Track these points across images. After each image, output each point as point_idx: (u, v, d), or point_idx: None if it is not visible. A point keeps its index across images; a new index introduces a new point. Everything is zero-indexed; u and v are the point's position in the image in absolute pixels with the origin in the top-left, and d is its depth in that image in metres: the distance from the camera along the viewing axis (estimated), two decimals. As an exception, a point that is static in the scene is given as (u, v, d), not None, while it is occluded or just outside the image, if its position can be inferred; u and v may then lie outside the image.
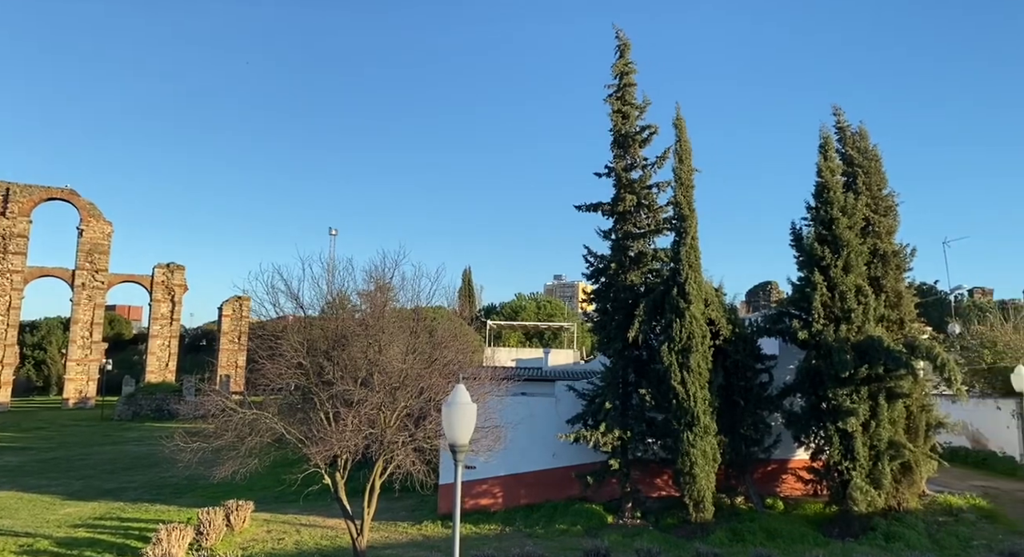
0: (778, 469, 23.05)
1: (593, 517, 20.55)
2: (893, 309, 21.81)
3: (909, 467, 19.64)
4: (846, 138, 22.61)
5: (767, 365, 22.07)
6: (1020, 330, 33.95)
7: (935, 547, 16.83)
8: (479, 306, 69.09)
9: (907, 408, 20.54)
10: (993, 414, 28.53)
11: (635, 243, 22.88)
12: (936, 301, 45.35)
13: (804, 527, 19.01)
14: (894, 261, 22.09)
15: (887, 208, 22.24)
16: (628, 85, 22.64)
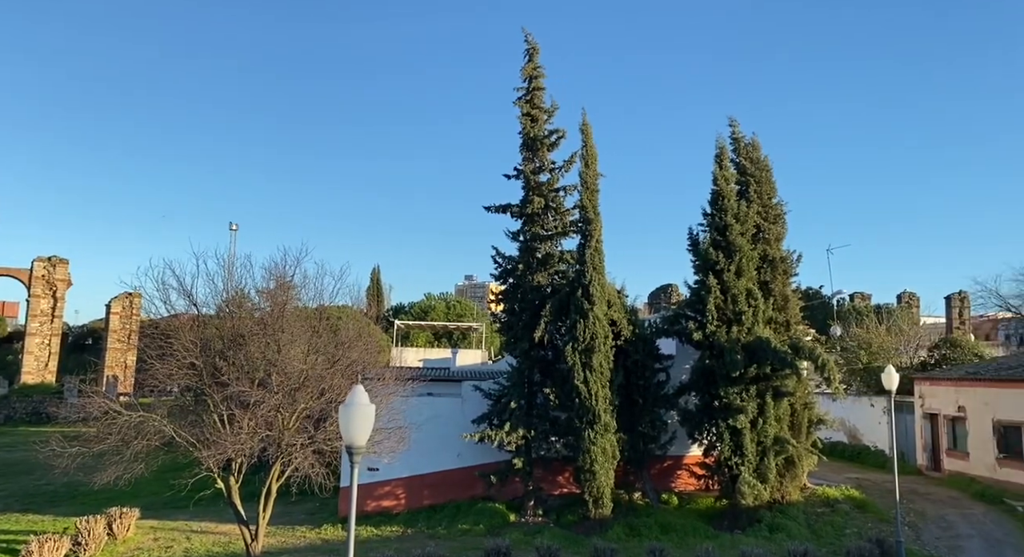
0: (673, 465, 23.99)
1: (496, 516, 20.72)
2: (780, 312, 23.12)
3: (792, 462, 20.87)
4: (740, 149, 23.82)
5: (664, 365, 22.91)
6: (892, 332, 36.73)
7: (813, 536, 18.00)
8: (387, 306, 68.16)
9: (791, 406, 21.83)
10: (868, 411, 30.77)
11: (543, 245, 23.24)
12: (820, 305, 48.45)
13: (696, 521, 19.89)
14: (782, 266, 23.42)
15: (776, 216, 23.57)
16: (537, 89, 22.98)
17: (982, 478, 23.38)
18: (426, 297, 63.91)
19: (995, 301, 62.92)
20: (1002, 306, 63.63)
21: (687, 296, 23.98)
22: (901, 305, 56.58)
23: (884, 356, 32.77)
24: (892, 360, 31.87)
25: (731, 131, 23.98)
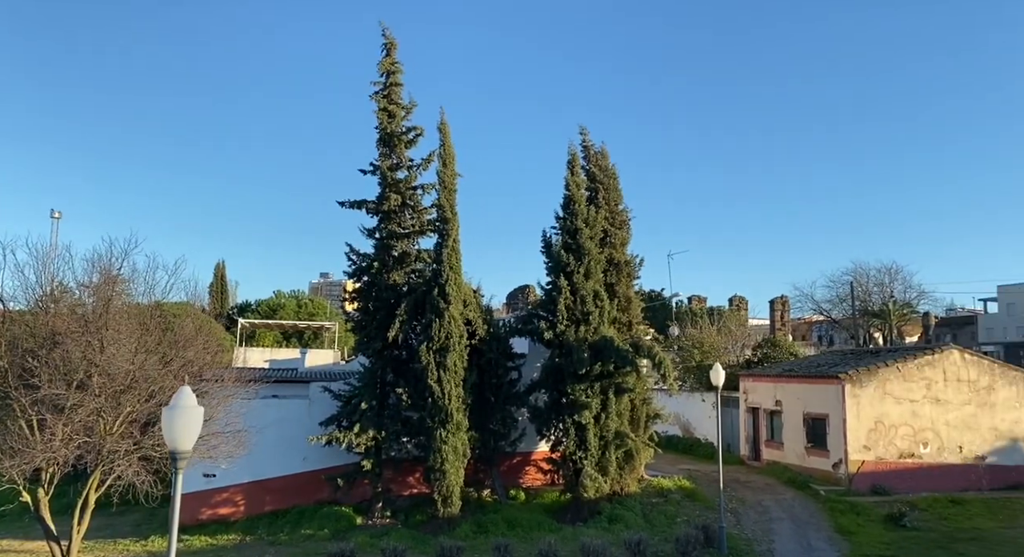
0: (522, 461, 24.59)
1: (342, 519, 20.22)
2: (624, 312, 24.38)
3: (632, 455, 22.07)
4: (590, 156, 24.88)
5: (517, 363, 23.43)
6: (723, 333, 39.90)
7: (648, 526, 19.15)
8: (232, 303, 64.43)
9: (631, 401, 23.06)
10: (699, 406, 33.19)
11: (399, 243, 23.00)
12: (660, 306, 51.70)
13: (542, 515, 20.52)
14: (626, 269, 24.72)
15: (622, 222, 24.85)
16: (395, 85, 22.70)
17: (794, 466, 25.94)
18: (276, 295, 61.07)
19: (810, 305, 70.41)
20: (816, 310, 71.38)
21: (542, 297, 24.66)
22: (732, 307, 61.59)
23: (715, 355, 35.46)
24: (721, 358, 34.60)
25: (582, 139, 24.99)
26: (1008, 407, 25.37)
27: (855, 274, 63.68)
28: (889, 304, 63.05)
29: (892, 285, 64.67)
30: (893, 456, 23.90)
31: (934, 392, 24.76)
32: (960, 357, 25.76)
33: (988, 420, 25.06)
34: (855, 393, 24.01)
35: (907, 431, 24.27)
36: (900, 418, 24.26)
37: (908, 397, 24.51)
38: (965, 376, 25.26)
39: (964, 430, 24.78)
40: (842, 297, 64.05)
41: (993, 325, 74.63)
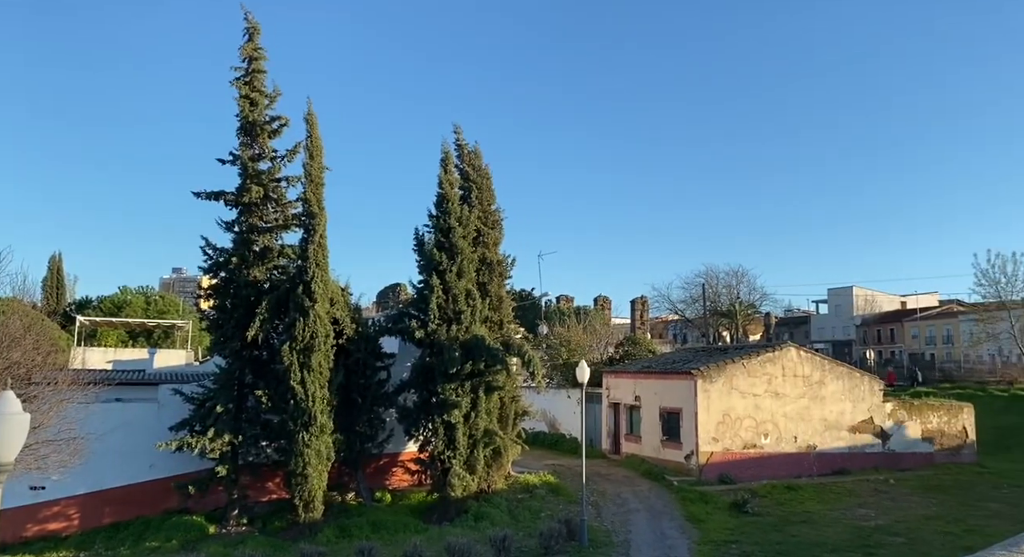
0: (390, 463, 24.21)
1: (193, 529, 18.97)
2: (495, 311, 24.62)
3: (499, 452, 22.32)
4: (464, 155, 24.93)
5: (386, 363, 23.03)
6: (588, 331, 41.38)
7: (513, 522, 19.44)
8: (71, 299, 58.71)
9: (501, 399, 23.32)
10: (565, 402, 34.18)
11: (261, 237, 21.91)
12: (530, 305, 52.78)
13: (408, 516, 20.30)
14: (498, 269, 24.99)
15: (495, 221, 25.09)
16: (257, 71, 21.57)
17: (651, 458, 27.34)
18: (121, 291, 56.35)
19: (667, 305, 74.78)
20: (672, 309, 75.83)
21: (414, 295, 24.39)
22: (597, 307, 63.98)
23: (580, 352, 36.69)
24: (587, 356, 35.85)
25: (456, 138, 24.99)
26: (836, 400, 28.10)
27: (707, 277, 68.38)
28: (736, 305, 68.17)
29: (739, 287, 70.01)
30: (738, 447, 25.77)
31: (774, 387, 26.96)
32: (797, 354, 28.23)
33: (819, 412, 27.62)
34: (706, 388, 25.65)
35: (750, 423, 26.24)
36: (745, 411, 26.21)
37: (752, 391, 26.52)
38: (800, 372, 27.70)
39: (799, 421, 27.16)
40: (695, 298, 68.50)
41: (824, 325, 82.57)
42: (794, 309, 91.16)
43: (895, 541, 17.68)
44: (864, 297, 79.16)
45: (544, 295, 53.50)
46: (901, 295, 79.97)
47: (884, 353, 71.32)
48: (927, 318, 70.36)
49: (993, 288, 48.31)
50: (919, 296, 76.73)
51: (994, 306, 49.28)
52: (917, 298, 76.36)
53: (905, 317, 73.41)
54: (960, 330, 62.43)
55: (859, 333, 76.72)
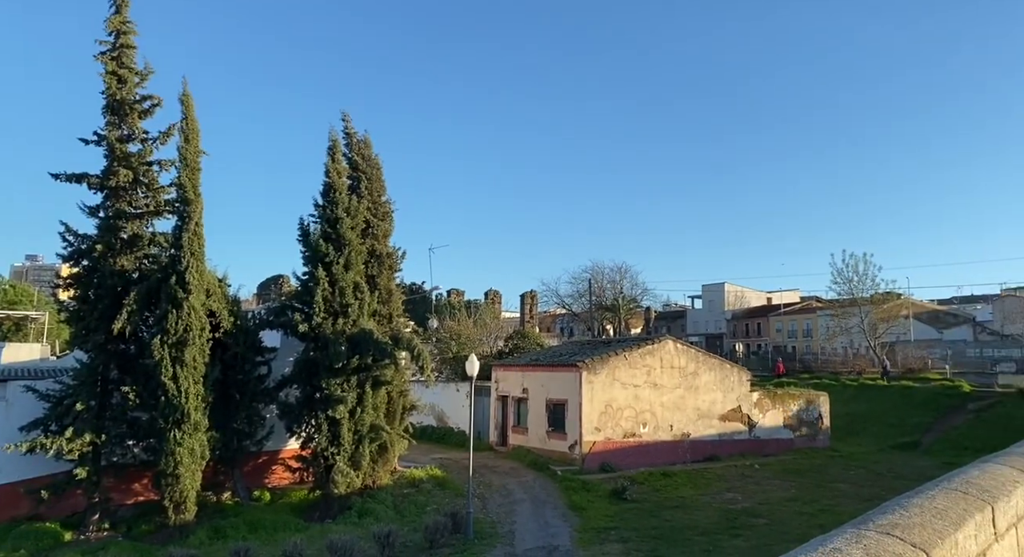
0: (269, 460, 23.36)
1: (46, 537, 17.49)
2: (384, 305, 24.29)
3: (386, 447, 22.08)
4: (353, 144, 24.35)
5: (267, 358, 22.19)
6: (479, 325, 41.64)
7: (399, 517, 19.31)
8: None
9: (389, 394, 23.06)
10: (454, 396, 34.24)
11: (130, 224, 20.49)
12: (421, 299, 52.49)
13: (288, 515, 19.69)
14: (388, 262, 24.65)
15: (385, 213, 24.71)
16: (126, 46, 20.07)
17: (536, 449, 27.93)
18: (-35, 277, 50.97)
19: (555, 299, 76.55)
20: (559, 303, 77.69)
21: (297, 287, 23.62)
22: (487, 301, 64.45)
23: (470, 346, 36.92)
24: (476, 349, 36.11)
25: (344, 126, 24.38)
26: (708, 390, 29.79)
27: (593, 272, 70.56)
28: (619, 299, 70.76)
29: (622, 282, 72.67)
30: (619, 436, 26.81)
31: (653, 378, 28.23)
32: (674, 346, 29.68)
33: (693, 401, 29.20)
34: (590, 380, 26.49)
35: (630, 413, 27.36)
36: (625, 401, 27.29)
37: (632, 382, 27.65)
38: (677, 363, 29.15)
39: (675, 411, 28.59)
40: (582, 292, 70.54)
41: (698, 319, 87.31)
42: (672, 304, 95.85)
43: (758, 522, 19.01)
44: (735, 293, 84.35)
45: (435, 289, 53.42)
46: (767, 292, 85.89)
47: (751, 346, 76.33)
48: (789, 313, 75.89)
49: (847, 286, 52.91)
50: (783, 293, 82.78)
51: (847, 302, 53.89)
52: (781, 295, 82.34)
53: (770, 312, 78.84)
54: (818, 324, 67.76)
55: (730, 327, 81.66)
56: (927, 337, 59.78)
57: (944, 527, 2.90)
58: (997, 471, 4.17)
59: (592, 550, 16.42)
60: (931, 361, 51.43)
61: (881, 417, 38.59)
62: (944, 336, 60.92)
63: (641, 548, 16.46)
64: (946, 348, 55.00)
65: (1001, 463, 4.48)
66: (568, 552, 16.36)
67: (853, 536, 2.61)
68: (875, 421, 38.24)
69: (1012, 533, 3.73)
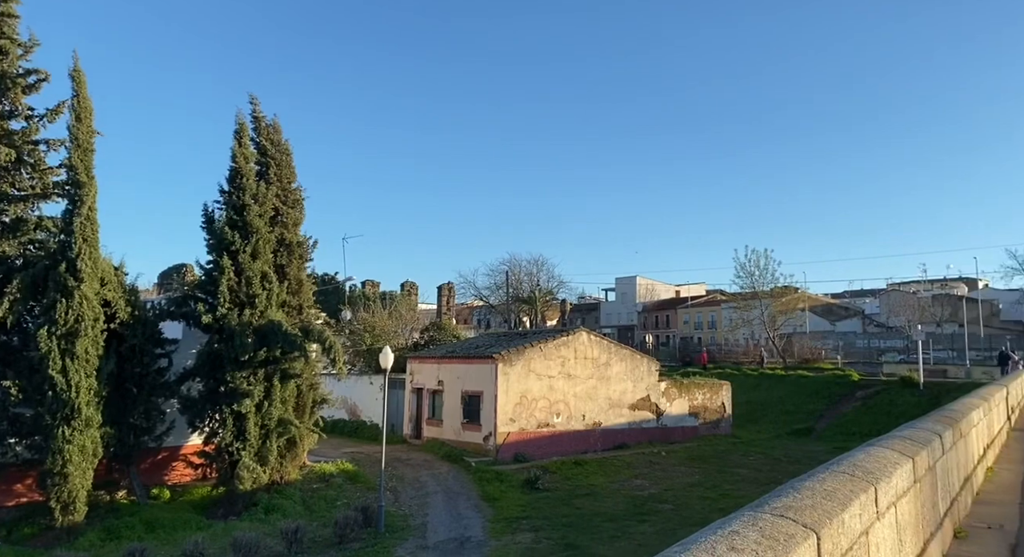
0: (169, 457, 22.27)
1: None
2: (295, 295, 23.58)
3: (295, 442, 21.50)
4: (261, 128, 23.43)
5: (168, 350, 21.15)
6: (394, 317, 41.10)
7: (307, 512, 18.86)
8: None
9: (298, 387, 22.45)
10: (367, 389, 33.67)
11: (13, 207, 19.09)
12: (333, 290, 51.27)
13: (189, 513, 18.88)
14: (298, 251, 23.91)
15: (295, 201, 23.93)
16: (7, 15, 18.57)
17: (451, 441, 27.88)
18: None
19: (472, 291, 76.61)
20: (477, 295, 77.81)
21: (201, 277, 22.61)
22: (404, 292, 63.71)
23: (385, 338, 36.36)
24: (391, 341, 35.61)
25: (252, 109, 23.43)
26: (619, 379, 30.58)
27: (510, 264, 71.01)
28: (536, 292, 71.60)
29: (539, 275, 73.52)
30: (533, 426, 27.14)
31: (567, 368, 28.71)
32: (587, 338, 30.27)
33: (605, 391, 29.90)
34: (506, 371, 26.66)
35: (545, 403, 27.74)
36: (540, 392, 27.64)
37: (547, 373, 28.03)
38: (590, 354, 29.76)
39: (587, 400, 29.19)
40: (499, 285, 70.88)
41: (611, 311, 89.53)
42: (587, 296, 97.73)
43: (664, 508, 19.70)
44: (646, 286, 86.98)
45: (348, 279, 52.19)
46: (676, 285, 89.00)
47: (660, 337, 78.94)
48: (696, 306, 78.92)
49: (749, 280, 55.52)
50: (691, 286, 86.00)
51: (749, 295, 56.55)
52: (689, 288, 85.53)
53: (679, 304, 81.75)
54: (722, 316, 70.79)
55: (641, 319, 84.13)
56: (821, 329, 63.56)
57: (832, 508, 3.06)
58: (880, 454, 4.45)
59: (504, 540, 16.56)
60: (824, 352, 54.76)
61: (778, 405, 40.79)
62: (836, 328, 64.97)
63: (551, 536, 16.75)
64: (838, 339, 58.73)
65: (884, 446, 4.78)
66: (480, 542, 16.44)
67: (750, 519, 2.71)
68: (773, 409, 40.39)
69: (892, 511, 3.98)
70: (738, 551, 2.35)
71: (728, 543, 2.40)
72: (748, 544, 2.42)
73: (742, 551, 2.36)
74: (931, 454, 5.45)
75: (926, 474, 5.18)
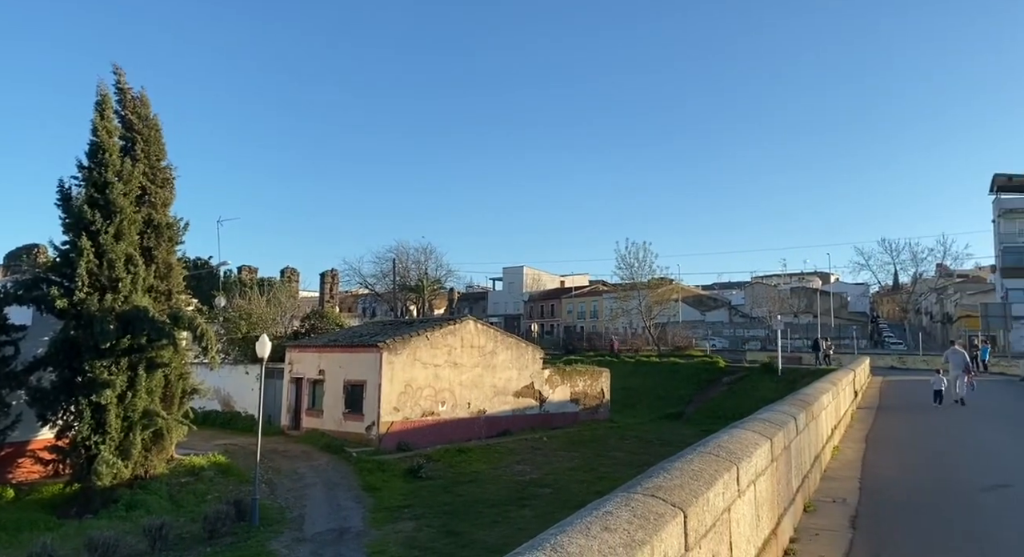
0: (15, 453, 20.27)
1: None
2: (163, 280, 22.12)
3: (161, 434, 20.22)
4: (127, 101, 21.67)
5: (14, 337, 19.33)
6: (272, 304, 39.45)
7: (175, 508, 17.81)
8: None
9: (166, 377, 21.12)
10: (243, 378, 32.20)
11: None
12: (207, 275, 48.50)
13: (37, 513, 17.33)
14: (168, 233, 22.39)
15: (164, 180, 22.36)
16: None
17: (331, 432, 27.20)
18: None
19: (358, 279, 74.95)
20: (362, 283, 76.20)
21: (56, 258, 20.77)
22: (284, 279, 61.30)
23: (263, 326, 34.85)
24: (269, 330, 34.22)
25: (117, 80, 21.61)
26: (505, 368, 30.98)
27: (397, 252, 70.00)
28: (424, 280, 71.09)
29: (427, 263, 73.01)
30: (417, 415, 26.99)
31: (453, 357, 28.74)
32: (474, 326, 30.43)
33: (490, 379, 30.20)
34: (391, 360, 26.32)
35: (430, 392, 27.65)
36: (426, 381, 27.51)
37: (433, 362, 27.94)
38: (477, 343, 29.94)
39: (473, 389, 29.37)
40: (385, 273, 69.78)
41: (499, 300, 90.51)
42: (475, 285, 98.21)
43: (544, 492, 20.20)
44: (532, 276, 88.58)
45: (223, 264, 49.44)
46: (562, 275, 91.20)
47: (545, 326, 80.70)
48: (580, 296, 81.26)
49: (628, 271, 57.78)
50: (575, 276, 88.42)
51: (628, 286, 58.90)
52: (573, 278, 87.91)
53: (563, 294, 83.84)
54: (604, 306, 73.28)
55: (527, 308, 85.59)
56: (693, 319, 67.28)
57: (699, 487, 3.24)
58: (742, 435, 4.76)
59: (384, 529, 16.41)
60: (695, 340, 58.03)
61: (653, 391, 42.83)
62: (706, 318, 68.97)
63: (433, 524, 16.77)
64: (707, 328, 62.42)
65: (745, 428, 5.13)
66: (360, 533, 16.20)
67: (623, 500, 2.82)
68: (648, 394, 42.36)
69: (752, 489, 4.28)
70: (611, 531, 2.45)
71: (602, 523, 2.49)
72: (620, 524, 2.52)
73: (615, 531, 2.45)
74: (787, 435, 5.90)
75: (782, 453, 5.60)
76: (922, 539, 6.27)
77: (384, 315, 71.43)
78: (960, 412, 17.94)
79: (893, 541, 6.14)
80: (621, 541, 2.36)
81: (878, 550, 5.82)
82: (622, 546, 2.32)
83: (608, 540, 2.33)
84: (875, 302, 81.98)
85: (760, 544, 4.47)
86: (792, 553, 5.47)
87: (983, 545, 6.04)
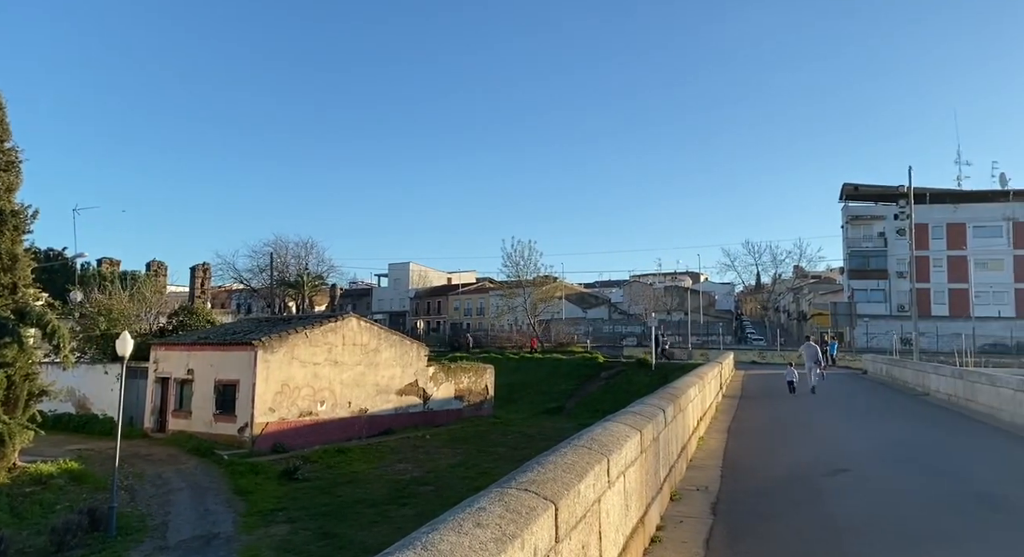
0: None
1: None
2: (7, 273, 20.12)
3: (2, 440, 18.42)
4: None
5: None
6: (136, 299, 36.79)
7: (16, 520, 16.21)
8: None
9: (9, 378, 19.25)
10: (101, 378, 29.85)
11: None
12: (61, 267, 44.52)
13: None
14: (13, 221, 20.37)
15: (9, 162, 20.27)
16: None
17: (201, 433, 25.71)
18: None
19: (232, 274, 71.27)
20: (237, 278, 72.55)
21: None
22: (149, 273, 57.38)
23: (125, 323, 32.49)
24: (133, 327, 31.92)
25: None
26: (388, 366, 30.52)
27: (275, 246, 67.18)
28: (304, 276, 68.64)
29: (308, 258, 70.54)
30: (295, 415, 26.05)
31: (334, 355, 27.96)
32: (357, 324, 29.75)
33: (373, 377, 29.65)
34: (266, 359, 25.24)
35: (308, 391, 26.77)
36: (304, 380, 26.60)
37: (312, 360, 27.05)
38: (359, 340, 29.29)
39: (354, 387, 28.72)
40: (262, 267, 66.77)
41: (384, 297, 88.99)
42: (359, 282, 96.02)
43: (426, 490, 20.09)
44: (419, 272, 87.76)
45: (79, 256, 45.45)
46: (448, 272, 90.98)
47: (432, 323, 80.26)
48: (467, 293, 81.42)
49: (514, 269, 58.65)
50: (462, 273, 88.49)
51: (514, 284, 59.75)
52: (460, 275, 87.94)
53: (450, 291, 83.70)
54: (490, 303, 73.87)
55: (413, 305, 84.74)
56: (575, 316, 69.16)
57: (571, 480, 3.34)
58: (614, 428, 4.95)
59: (256, 534, 15.73)
60: (576, 336, 59.71)
61: (535, 386, 43.68)
62: (588, 315, 71.09)
63: (309, 526, 16.27)
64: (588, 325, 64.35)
65: (617, 421, 5.33)
66: (230, 538, 15.44)
67: (497, 495, 2.86)
68: (531, 390, 43.15)
69: (621, 480, 4.46)
70: (483, 526, 2.47)
71: (475, 519, 2.51)
72: (493, 519, 2.55)
73: (487, 526, 2.48)
74: (656, 427, 6.20)
75: (651, 445, 5.87)
76: (773, 522, 6.80)
77: (261, 312, 68.36)
78: (811, 401, 19.69)
79: (747, 524, 6.62)
80: (492, 536, 2.39)
81: (735, 533, 6.25)
82: (493, 541, 2.35)
83: (480, 535, 2.36)
84: (740, 301, 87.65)
85: (628, 532, 4.67)
86: (658, 540, 5.76)
87: (825, 524, 6.63)
